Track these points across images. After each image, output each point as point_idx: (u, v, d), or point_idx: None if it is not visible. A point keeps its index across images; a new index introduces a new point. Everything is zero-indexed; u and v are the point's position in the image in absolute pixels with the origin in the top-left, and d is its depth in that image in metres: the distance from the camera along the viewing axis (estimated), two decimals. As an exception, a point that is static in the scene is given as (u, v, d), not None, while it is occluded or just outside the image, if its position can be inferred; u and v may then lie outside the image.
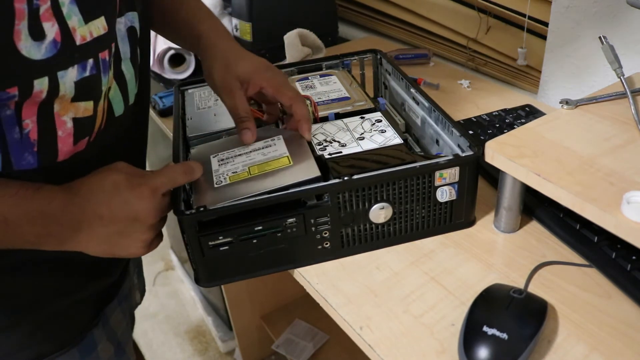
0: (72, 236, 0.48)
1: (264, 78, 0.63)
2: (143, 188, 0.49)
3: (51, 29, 0.44)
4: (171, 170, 0.53)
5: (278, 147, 0.62)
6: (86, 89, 0.48)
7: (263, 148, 0.62)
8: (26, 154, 0.47)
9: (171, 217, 0.53)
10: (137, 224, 0.49)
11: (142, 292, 0.84)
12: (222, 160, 0.62)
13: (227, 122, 0.69)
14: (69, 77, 0.46)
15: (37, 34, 0.43)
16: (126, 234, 0.50)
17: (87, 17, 0.47)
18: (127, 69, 0.57)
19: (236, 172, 0.59)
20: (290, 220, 0.56)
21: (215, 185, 0.57)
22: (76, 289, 0.60)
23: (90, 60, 0.48)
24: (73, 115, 0.48)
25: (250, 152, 0.62)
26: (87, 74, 0.48)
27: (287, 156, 0.60)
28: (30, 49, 0.42)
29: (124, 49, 0.56)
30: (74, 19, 0.46)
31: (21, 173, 0.47)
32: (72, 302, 0.60)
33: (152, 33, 1.16)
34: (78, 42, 0.46)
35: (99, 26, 0.49)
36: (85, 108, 0.49)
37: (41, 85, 0.44)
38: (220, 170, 0.59)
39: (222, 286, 1.24)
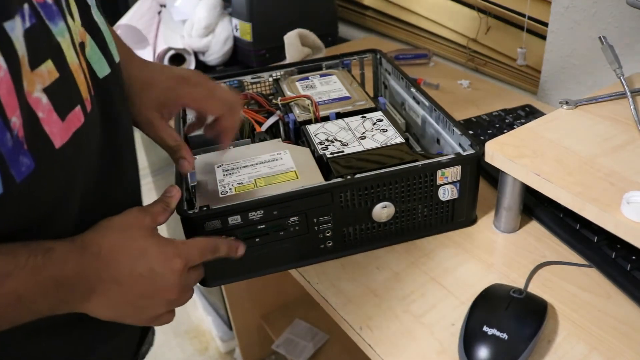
0: (82, 301, 0.43)
1: (181, 96, 0.57)
2: (176, 260, 0.46)
3: None
4: (209, 246, 0.50)
5: (285, 161, 0.61)
6: (35, 45, 0.37)
7: (270, 161, 0.62)
8: (21, 157, 0.37)
9: (174, 216, 0.53)
10: (156, 298, 0.47)
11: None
12: (227, 170, 0.61)
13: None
14: (17, 29, 0.35)
15: None
16: (139, 306, 0.46)
17: None
18: (99, 17, 0.47)
19: (242, 183, 0.58)
20: (293, 219, 0.56)
21: (221, 195, 0.57)
22: (87, 353, 0.52)
23: (26, 6, 0.37)
24: (42, 86, 0.38)
25: (257, 164, 0.61)
26: (28, 24, 0.37)
27: (295, 171, 0.59)
28: None
29: None
30: None
31: (24, 187, 0.37)
32: None
33: (153, 33, 1.14)
34: None
35: None
36: (48, 71, 0.38)
37: None
38: (225, 181, 0.59)
39: (222, 286, 1.24)
